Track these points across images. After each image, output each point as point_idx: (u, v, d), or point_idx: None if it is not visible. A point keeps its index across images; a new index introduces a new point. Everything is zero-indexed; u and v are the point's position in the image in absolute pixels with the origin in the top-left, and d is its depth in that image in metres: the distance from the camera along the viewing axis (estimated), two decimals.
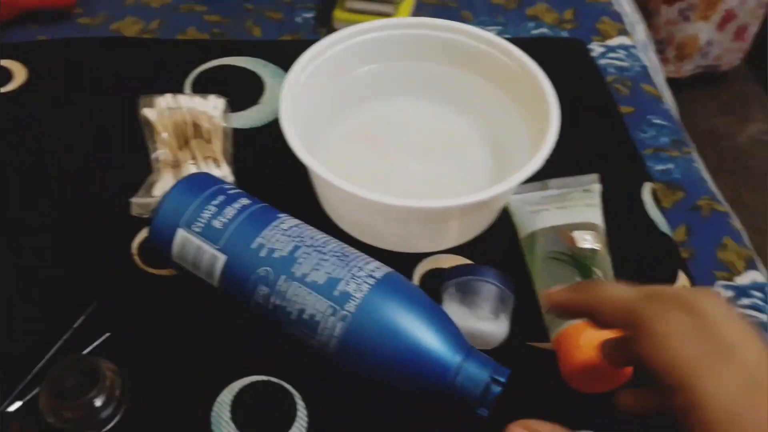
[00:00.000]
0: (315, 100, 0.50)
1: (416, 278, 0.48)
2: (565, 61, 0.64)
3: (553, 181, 0.49)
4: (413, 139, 0.54)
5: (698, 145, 1.47)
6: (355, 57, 0.52)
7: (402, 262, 0.48)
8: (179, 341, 0.45)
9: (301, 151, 0.41)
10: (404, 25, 0.52)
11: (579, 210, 0.47)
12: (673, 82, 1.49)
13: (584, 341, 0.40)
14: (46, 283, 0.47)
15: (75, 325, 0.43)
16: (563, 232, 0.45)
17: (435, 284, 0.45)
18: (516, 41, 0.53)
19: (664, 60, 1.41)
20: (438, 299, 0.44)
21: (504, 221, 0.50)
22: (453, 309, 0.41)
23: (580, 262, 0.44)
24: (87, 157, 0.55)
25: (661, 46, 1.39)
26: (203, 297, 0.45)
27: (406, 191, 0.49)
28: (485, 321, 0.41)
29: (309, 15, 0.70)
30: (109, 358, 0.41)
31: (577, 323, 0.41)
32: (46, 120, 0.57)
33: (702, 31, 1.38)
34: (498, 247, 0.50)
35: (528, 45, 0.51)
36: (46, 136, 0.56)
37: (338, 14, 0.66)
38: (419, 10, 0.70)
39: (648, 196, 0.54)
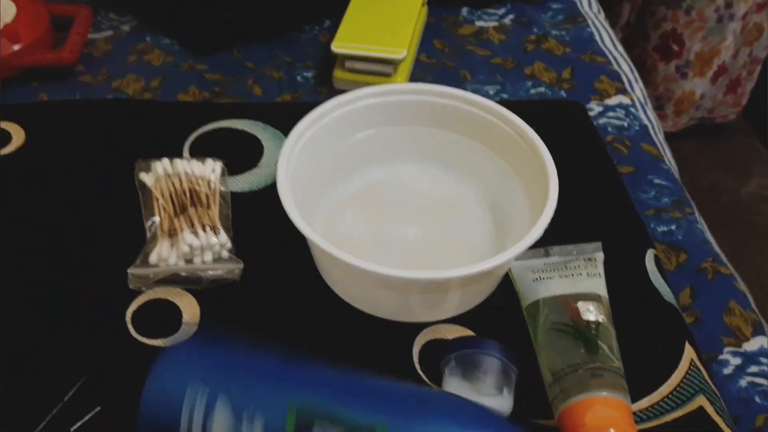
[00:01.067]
0: (313, 165, 0.49)
1: (416, 349, 0.46)
2: (564, 124, 0.63)
3: (555, 249, 0.48)
4: (412, 204, 0.53)
5: (699, 200, 1.47)
6: (354, 122, 0.52)
7: (401, 332, 0.47)
8: None
9: (299, 221, 0.41)
10: (402, 91, 0.52)
11: (582, 280, 0.46)
12: (670, 136, 1.51)
13: (590, 419, 0.38)
14: (38, 353, 0.46)
15: (65, 399, 0.41)
16: (567, 303, 0.44)
17: (436, 355, 0.43)
18: (514, 104, 0.53)
19: (662, 116, 1.42)
20: (439, 373, 0.43)
21: (506, 289, 0.49)
22: (455, 384, 0.40)
23: (584, 334, 0.43)
24: (83, 223, 0.53)
25: (659, 102, 1.41)
26: None
27: (405, 258, 0.48)
28: (488, 396, 0.39)
29: (309, 74, 0.71)
30: None
31: (582, 400, 0.39)
32: (43, 184, 0.57)
33: (698, 86, 1.40)
34: (500, 317, 0.48)
35: (526, 108, 0.51)
36: (42, 201, 0.55)
37: (338, 74, 0.67)
38: (417, 70, 0.71)
39: (651, 264, 0.52)
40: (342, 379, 0.36)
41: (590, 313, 0.43)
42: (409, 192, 0.54)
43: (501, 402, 0.40)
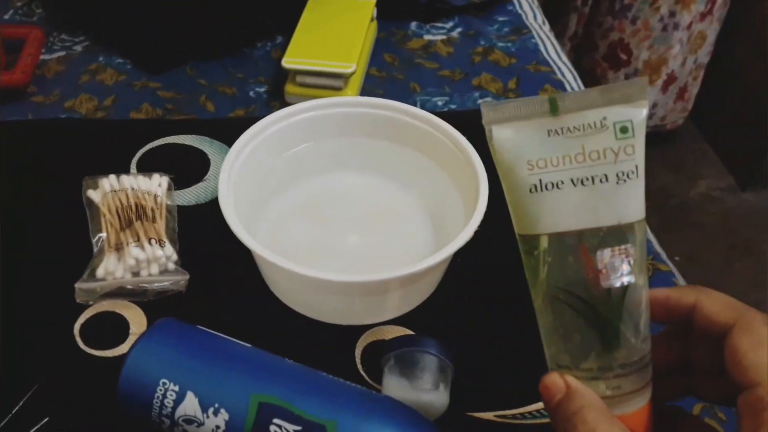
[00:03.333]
0: (256, 177, 0.51)
1: (358, 351, 0.48)
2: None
3: (569, 97, 0.30)
4: (353, 212, 0.55)
5: (650, 202, 1.52)
6: (295, 135, 0.54)
7: (344, 335, 0.48)
8: (119, 428, 0.44)
9: (240, 231, 0.42)
10: (342, 104, 0.55)
11: (609, 192, 0.29)
12: None
13: None
14: None
15: (14, 411, 0.42)
16: (583, 251, 0.29)
17: (377, 356, 0.45)
18: (455, 114, 0.55)
19: None
20: (379, 372, 0.44)
21: (444, 288, 0.51)
22: (393, 381, 0.41)
23: (601, 316, 0.30)
24: (31, 240, 0.54)
25: None
26: None
27: (347, 264, 0.50)
28: (425, 392, 0.41)
29: (262, 89, 0.72)
30: None
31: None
32: None
33: (649, 94, 1.45)
34: (440, 316, 0.50)
35: (465, 117, 0.53)
36: None
37: (289, 88, 0.68)
38: (368, 84, 0.73)
39: None
40: (299, 377, 0.38)
41: (616, 273, 0.29)
42: (351, 201, 0.56)
43: (437, 397, 0.41)
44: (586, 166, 0.29)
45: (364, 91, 0.72)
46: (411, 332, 0.48)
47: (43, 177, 0.60)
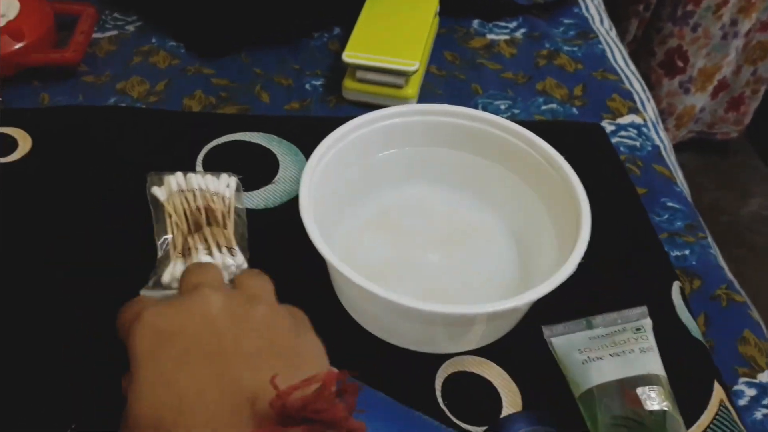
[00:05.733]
0: (334, 186, 0.48)
1: (439, 381, 0.45)
2: (583, 146, 0.62)
3: (598, 319, 0.45)
4: (432, 227, 0.51)
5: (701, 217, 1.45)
6: (376, 142, 0.50)
7: (423, 362, 0.45)
8: None
9: (323, 247, 0.39)
10: (426, 111, 0.51)
11: (636, 357, 0.42)
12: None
13: None
14: (42, 372, 0.44)
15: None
16: (625, 391, 0.41)
17: (458, 388, 0.42)
18: (532, 124, 0.51)
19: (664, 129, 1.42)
20: (461, 406, 0.41)
21: (528, 321, 0.47)
22: None
23: (650, 429, 0.39)
24: (92, 237, 0.51)
25: (662, 116, 1.40)
26: None
27: (427, 286, 0.47)
28: None
29: (318, 82, 0.69)
30: None
31: None
32: (50, 194, 0.55)
33: (699, 101, 1.40)
34: (523, 348, 0.46)
35: (544, 128, 0.50)
36: (49, 212, 0.53)
37: (348, 84, 0.65)
38: (428, 82, 0.70)
39: (678, 297, 0.50)
40: (381, 406, 0.35)
41: (653, 401, 0.40)
42: (429, 216, 0.52)
43: None
44: (618, 348, 0.43)
45: (424, 90, 0.69)
46: (496, 366, 0.45)
47: (103, 169, 0.57)
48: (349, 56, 0.63)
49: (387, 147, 0.51)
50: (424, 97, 0.68)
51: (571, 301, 0.45)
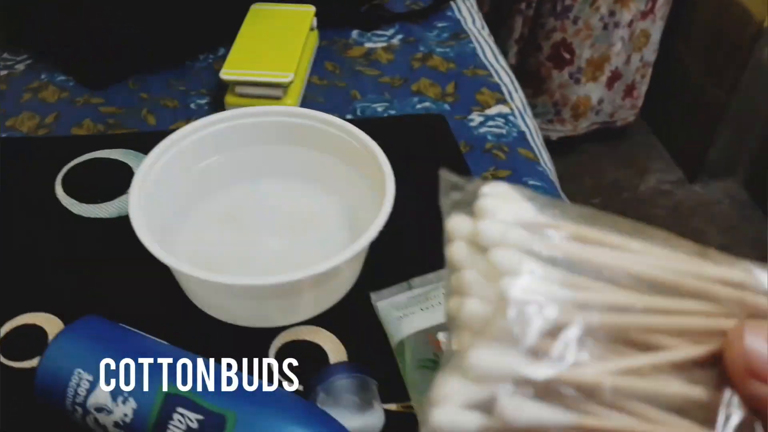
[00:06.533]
0: (173, 188, 0.52)
1: (272, 351, 0.50)
2: (427, 136, 0.69)
3: (416, 280, 0.50)
4: (273, 218, 0.57)
5: (603, 197, 1.56)
6: (209, 145, 0.55)
7: (258, 337, 0.50)
8: None
9: (148, 241, 0.44)
10: (259, 113, 0.56)
11: (440, 309, 0.47)
12: (574, 140, 1.59)
13: None
14: None
15: None
16: (429, 337, 0.46)
17: (291, 356, 0.47)
18: (380, 120, 0.56)
19: (560, 120, 1.50)
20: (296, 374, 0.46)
21: (360, 288, 0.52)
22: (332, 413, 0.43)
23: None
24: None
25: (557, 108, 1.49)
26: None
27: (266, 268, 0.51)
28: (367, 414, 0.43)
29: (203, 101, 0.73)
30: None
31: None
32: None
33: (593, 91, 1.49)
34: (354, 314, 0.52)
35: (394, 124, 0.55)
36: None
37: (229, 99, 0.69)
38: (309, 91, 0.75)
39: None
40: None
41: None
42: (271, 207, 0.57)
43: (376, 414, 0.43)
44: (428, 303, 0.48)
45: (305, 99, 0.73)
46: (329, 333, 0.49)
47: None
48: (226, 73, 0.68)
49: (220, 150, 0.56)
50: (306, 105, 0.72)
51: (401, 270, 0.52)
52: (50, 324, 0.50)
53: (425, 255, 0.54)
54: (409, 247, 0.54)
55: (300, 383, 0.47)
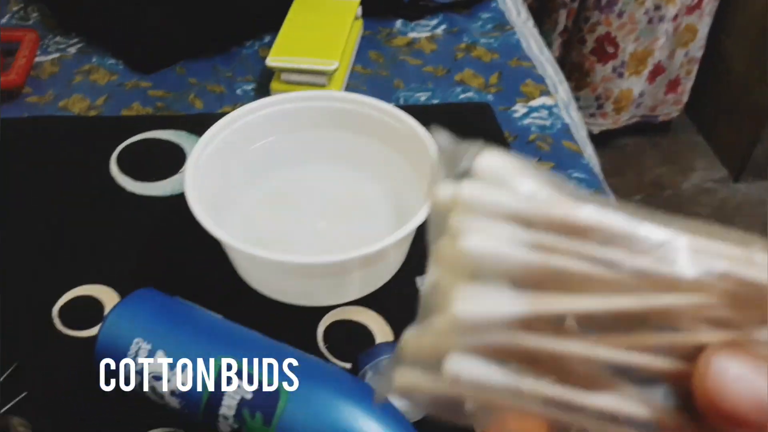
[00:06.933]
0: (225, 169, 0.53)
1: (320, 330, 0.51)
2: (473, 123, 0.70)
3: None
4: (321, 201, 0.58)
5: (644, 194, 1.53)
6: (262, 127, 0.56)
7: (306, 315, 0.51)
8: (93, 402, 0.46)
9: (203, 218, 0.45)
10: (309, 98, 0.58)
11: None
12: (614, 133, 1.57)
13: None
14: None
15: None
16: None
17: (339, 335, 0.48)
18: (426, 108, 0.56)
19: (603, 114, 1.48)
20: (342, 352, 0.47)
21: (405, 272, 0.53)
22: None
23: None
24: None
25: (599, 102, 1.47)
26: None
27: (314, 249, 0.53)
28: None
29: (249, 87, 0.74)
30: (24, 416, 0.44)
31: None
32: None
33: (635, 84, 1.47)
34: (399, 297, 0.52)
35: (436, 111, 0.55)
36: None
37: (275, 86, 0.70)
38: (353, 80, 0.75)
39: None
40: (260, 344, 0.42)
41: None
42: (320, 191, 0.59)
43: None
44: None
45: (349, 88, 0.74)
46: (375, 314, 0.50)
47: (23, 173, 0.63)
48: (273, 60, 0.68)
49: (273, 132, 0.57)
50: None
51: None
52: (106, 296, 0.52)
53: None
54: None
55: (348, 362, 0.48)
